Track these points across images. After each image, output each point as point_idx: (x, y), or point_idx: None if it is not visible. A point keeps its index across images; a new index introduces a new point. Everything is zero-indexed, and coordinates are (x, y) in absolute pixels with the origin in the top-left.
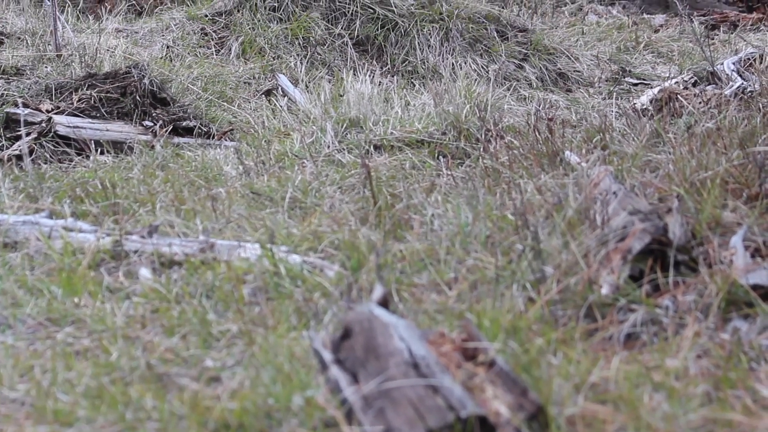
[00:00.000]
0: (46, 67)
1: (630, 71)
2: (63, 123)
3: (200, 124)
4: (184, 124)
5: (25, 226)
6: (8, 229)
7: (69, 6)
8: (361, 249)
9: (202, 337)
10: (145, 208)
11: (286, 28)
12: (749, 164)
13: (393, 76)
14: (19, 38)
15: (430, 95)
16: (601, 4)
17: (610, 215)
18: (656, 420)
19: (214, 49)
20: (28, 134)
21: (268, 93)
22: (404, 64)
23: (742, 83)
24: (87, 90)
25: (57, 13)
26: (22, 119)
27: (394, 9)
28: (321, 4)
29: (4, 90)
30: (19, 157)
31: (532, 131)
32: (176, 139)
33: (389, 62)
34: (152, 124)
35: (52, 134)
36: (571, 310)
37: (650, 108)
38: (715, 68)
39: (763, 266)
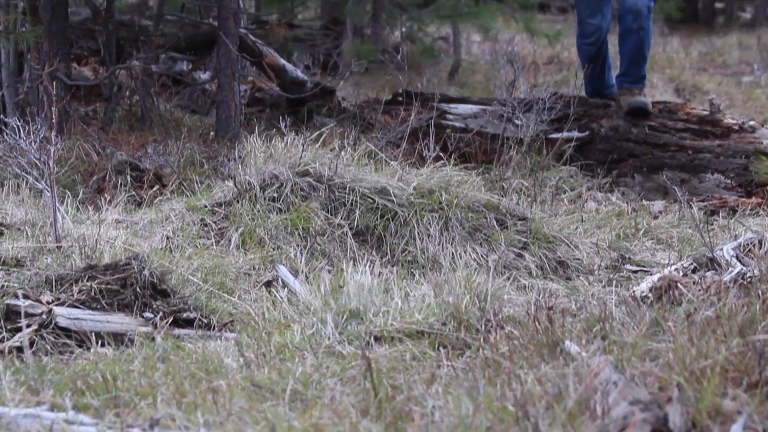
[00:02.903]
0: (46, 258)
1: (629, 258)
2: (63, 315)
3: (201, 315)
4: (185, 315)
5: (26, 419)
6: (9, 422)
7: (69, 197)
8: None
9: None
10: (146, 400)
11: (286, 219)
12: (749, 352)
13: (393, 266)
14: (19, 229)
15: (430, 286)
16: (600, 191)
17: (611, 405)
18: None
19: (214, 240)
20: (28, 326)
21: (268, 284)
22: (404, 254)
23: (742, 269)
24: (87, 281)
25: (57, 204)
26: (22, 311)
27: (394, 199)
28: (320, 194)
29: (5, 281)
30: (20, 349)
31: (532, 321)
32: (177, 331)
33: (389, 252)
34: (153, 315)
35: (52, 326)
36: None
37: (650, 296)
38: (714, 254)
39: None
